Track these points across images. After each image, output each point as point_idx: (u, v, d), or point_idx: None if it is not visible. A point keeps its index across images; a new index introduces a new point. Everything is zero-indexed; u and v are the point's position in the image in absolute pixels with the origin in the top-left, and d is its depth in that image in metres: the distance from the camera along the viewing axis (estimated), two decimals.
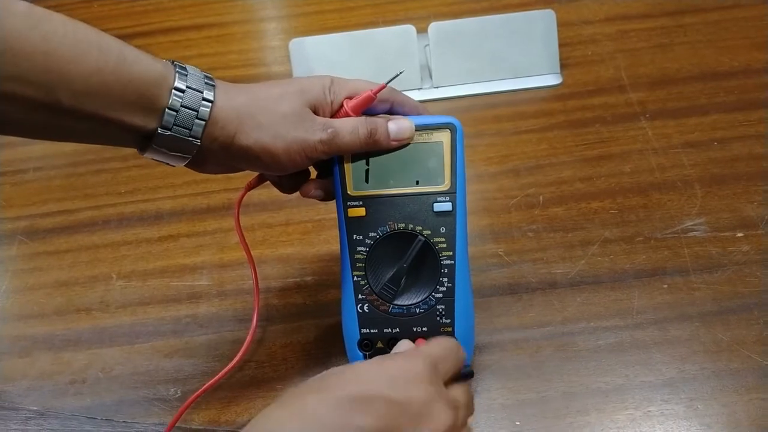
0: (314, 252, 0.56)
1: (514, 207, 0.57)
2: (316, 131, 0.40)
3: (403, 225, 0.43)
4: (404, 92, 0.67)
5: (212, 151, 0.39)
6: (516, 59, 0.67)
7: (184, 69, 0.38)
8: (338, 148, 0.41)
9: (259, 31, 0.82)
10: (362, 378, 0.34)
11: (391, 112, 0.44)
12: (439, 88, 0.68)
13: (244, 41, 0.80)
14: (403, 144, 0.43)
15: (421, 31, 0.67)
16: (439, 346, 0.38)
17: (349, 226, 0.43)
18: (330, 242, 0.56)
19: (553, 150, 0.61)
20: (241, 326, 0.52)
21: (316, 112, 0.41)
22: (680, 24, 0.71)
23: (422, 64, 0.68)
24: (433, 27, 0.66)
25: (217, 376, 0.47)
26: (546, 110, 0.65)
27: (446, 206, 0.42)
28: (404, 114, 0.44)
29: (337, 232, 0.56)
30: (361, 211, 0.43)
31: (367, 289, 0.43)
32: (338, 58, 0.67)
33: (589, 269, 0.52)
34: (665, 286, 0.50)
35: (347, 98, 0.43)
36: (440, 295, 0.43)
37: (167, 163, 0.40)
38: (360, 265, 0.43)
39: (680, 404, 0.44)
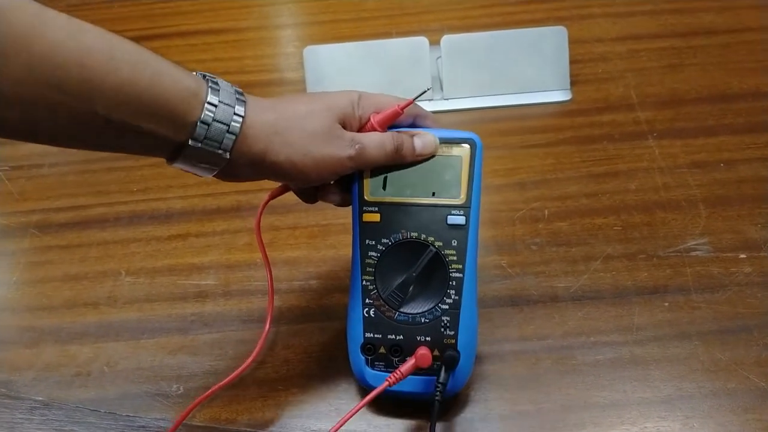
0: (320, 256, 0.57)
1: (518, 220, 0.58)
2: (345, 148, 0.41)
3: (416, 234, 0.43)
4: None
5: (240, 165, 0.40)
6: (526, 74, 0.68)
7: (217, 84, 0.39)
8: (365, 163, 0.43)
9: (274, 37, 0.84)
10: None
11: (413, 125, 0.45)
12: (450, 100, 0.69)
13: (259, 47, 0.81)
14: (427, 158, 0.44)
15: (434, 43, 0.68)
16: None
17: (363, 231, 0.44)
18: (336, 247, 0.57)
19: (560, 165, 0.62)
20: (244, 327, 0.52)
21: (344, 126, 0.42)
22: (691, 45, 0.72)
23: (434, 75, 0.69)
24: (446, 40, 0.67)
25: (229, 377, 0.47)
26: (554, 125, 0.66)
27: (460, 220, 0.43)
28: (424, 127, 0.45)
29: (343, 237, 0.57)
30: (375, 217, 0.44)
31: (374, 294, 0.44)
32: (351, 67, 0.68)
33: (591, 284, 0.53)
34: (666, 304, 0.51)
35: (374, 113, 0.44)
36: (446, 307, 0.43)
37: (195, 173, 0.41)
38: (370, 269, 0.44)
39: (676, 422, 0.44)
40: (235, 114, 0.38)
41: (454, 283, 0.43)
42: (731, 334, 0.49)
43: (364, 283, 0.44)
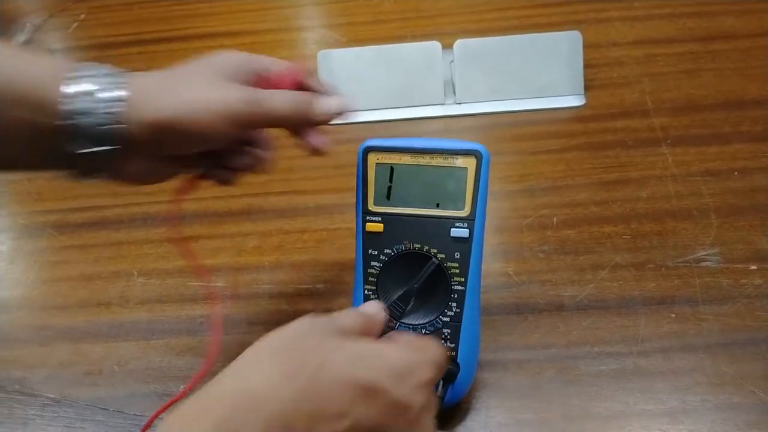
0: (327, 261, 0.57)
1: (526, 227, 0.58)
2: (237, 90, 0.40)
3: (419, 246, 0.44)
4: (425, 107, 0.69)
5: (137, 144, 0.38)
6: (540, 79, 0.68)
7: (89, 66, 0.38)
8: (265, 112, 0.41)
9: (291, 39, 0.84)
10: (369, 364, 0.33)
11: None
12: (462, 105, 0.69)
13: (276, 50, 0.82)
14: (329, 121, 0.43)
15: (447, 47, 0.68)
16: (441, 355, 0.38)
17: (366, 240, 0.44)
18: (343, 251, 0.57)
19: (571, 171, 0.62)
20: (251, 329, 0.53)
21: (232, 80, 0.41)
22: (709, 50, 0.71)
23: (446, 79, 0.69)
24: (459, 44, 0.67)
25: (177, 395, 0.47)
26: (567, 131, 0.66)
27: (463, 232, 0.43)
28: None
29: (351, 242, 0.57)
30: (379, 227, 0.44)
31: None
32: (364, 71, 0.69)
33: (597, 294, 0.52)
34: (673, 315, 0.50)
35: (263, 74, 0.42)
36: (447, 319, 0.44)
37: (100, 175, 0.40)
38: (372, 279, 0.44)
39: None
40: (117, 85, 0.37)
41: (455, 295, 0.43)
42: (738, 347, 0.48)
43: (365, 292, 0.45)
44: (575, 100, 0.68)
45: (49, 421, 0.49)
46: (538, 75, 0.68)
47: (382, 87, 0.69)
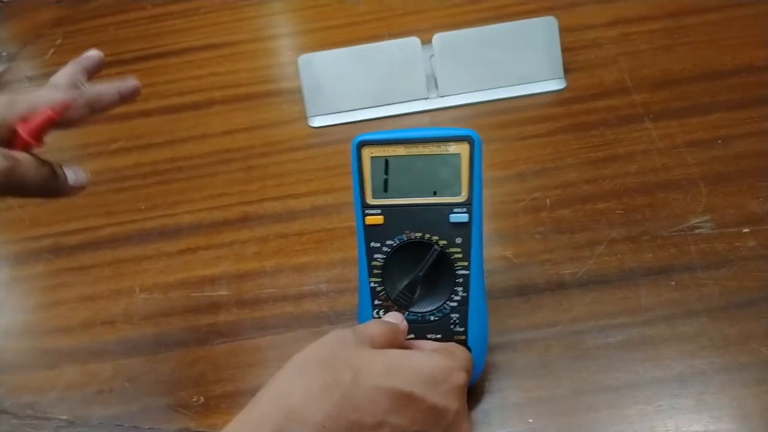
0: (329, 260, 0.57)
1: (521, 210, 0.58)
2: None
3: (420, 234, 0.44)
4: (410, 102, 0.70)
5: None
6: (520, 66, 0.69)
7: None
8: (19, 183, 0.37)
9: (269, 48, 0.85)
10: (402, 372, 0.34)
11: (96, 110, 0.43)
12: (445, 97, 0.70)
13: (254, 59, 0.82)
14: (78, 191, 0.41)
15: (426, 42, 0.69)
16: (468, 358, 0.39)
17: (367, 234, 0.45)
18: (343, 250, 0.58)
19: (559, 153, 0.63)
20: (259, 333, 0.53)
21: None
22: (682, 25, 0.73)
23: (428, 74, 0.70)
24: (437, 38, 0.68)
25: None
26: (550, 115, 0.67)
27: (462, 217, 0.44)
28: (105, 103, 0.43)
29: (350, 240, 0.58)
30: (379, 219, 0.45)
31: (383, 295, 0.45)
32: (346, 72, 0.69)
33: (596, 269, 0.53)
34: (672, 283, 0.51)
35: (21, 121, 0.38)
36: (455, 304, 0.44)
37: None
38: (377, 272, 0.45)
39: (690, 398, 0.45)
40: None
41: (460, 280, 0.44)
42: (739, 309, 0.49)
43: (372, 285, 0.45)
44: (556, 84, 0.69)
45: None
46: (517, 62, 0.69)
47: (366, 86, 0.70)
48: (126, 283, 0.59)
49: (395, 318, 0.42)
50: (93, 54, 0.45)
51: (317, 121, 0.70)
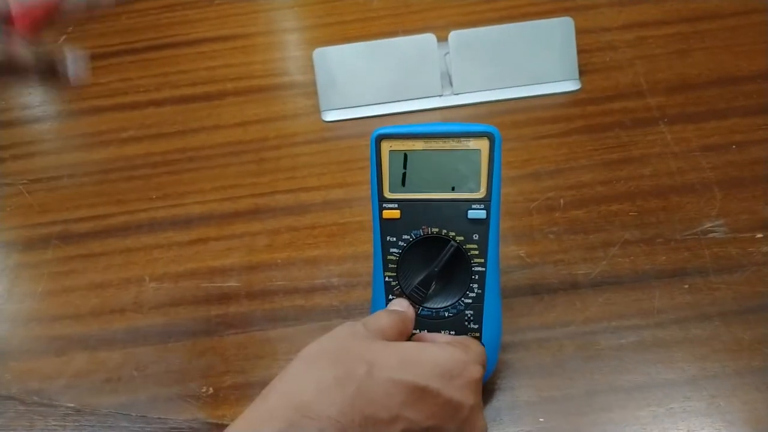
0: (340, 254, 0.57)
1: (535, 210, 0.58)
2: None
3: (437, 230, 0.44)
4: (424, 99, 0.70)
5: None
6: (535, 66, 0.69)
7: None
8: (14, 64, 0.37)
9: (282, 41, 0.84)
10: (418, 365, 0.33)
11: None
12: (460, 95, 0.70)
13: (268, 52, 0.82)
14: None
15: (441, 39, 0.69)
16: (483, 353, 0.38)
17: (384, 228, 0.45)
18: (355, 245, 0.58)
19: (573, 154, 0.62)
20: (269, 326, 0.53)
21: None
22: (697, 30, 0.72)
23: (443, 71, 0.70)
24: (453, 35, 0.68)
25: None
26: (565, 115, 0.67)
27: (480, 214, 0.43)
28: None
29: (361, 234, 0.58)
30: (396, 214, 0.44)
31: (397, 290, 0.45)
32: (361, 67, 0.69)
33: (610, 270, 0.53)
34: (686, 286, 0.51)
35: (17, 11, 0.37)
36: (470, 301, 0.44)
37: None
38: (392, 266, 0.45)
39: (702, 401, 0.45)
40: None
41: (476, 276, 0.44)
42: (752, 314, 0.49)
43: (386, 279, 0.45)
44: (571, 85, 0.69)
45: (72, 431, 0.49)
46: (532, 62, 0.69)
47: (380, 82, 0.69)
48: (136, 272, 0.59)
49: (401, 305, 0.42)
50: None
51: (330, 116, 0.70)
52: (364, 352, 0.33)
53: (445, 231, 0.44)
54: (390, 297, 0.45)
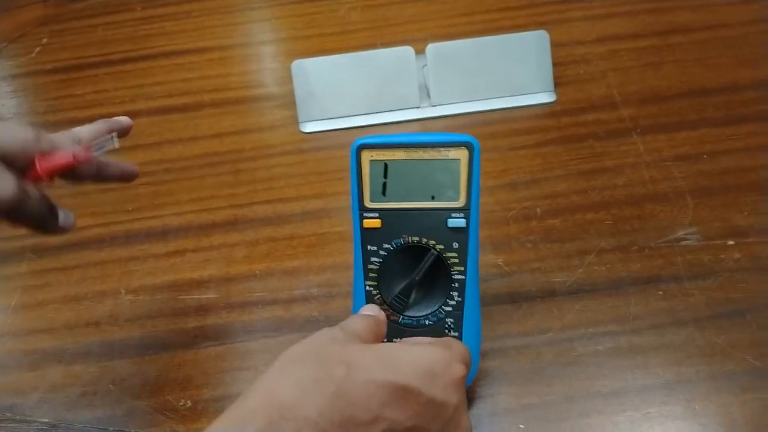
0: (319, 264, 0.57)
1: (512, 219, 0.59)
2: (5, 182, 0.38)
3: (417, 238, 0.44)
4: (402, 111, 0.70)
5: None
6: (511, 78, 0.70)
7: None
8: (21, 211, 0.40)
9: (260, 53, 0.85)
10: (398, 365, 0.32)
11: (97, 175, 0.45)
12: (437, 107, 0.70)
13: (245, 63, 0.82)
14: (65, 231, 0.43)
15: (419, 52, 0.70)
16: (466, 351, 0.39)
17: (364, 237, 0.45)
18: (334, 255, 0.58)
19: (548, 164, 0.63)
20: (248, 337, 0.53)
21: (10, 166, 0.39)
22: (669, 43, 0.74)
23: (420, 83, 0.71)
24: (431, 48, 0.69)
25: None
26: (541, 127, 0.68)
27: (460, 222, 0.44)
28: (111, 174, 0.46)
29: (341, 244, 0.58)
30: (376, 223, 0.45)
31: (378, 299, 0.45)
32: (339, 79, 0.69)
33: (586, 278, 0.54)
34: (660, 292, 0.52)
35: (41, 157, 0.40)
36: (450, 309, 0.44)
37: None
38: (373, 275, 0.45)
39: (678, 405, 0.45)
40: None
41: (456, 284, 0.44)
42: (725, 319, 0.50)
43: (367, 288, 0.45)
44: (546, 97, 0.70)
45: None
46: (509, 74, 0.70)
47: (358, 93, 0.70)
48: (111, 285, 0.58)
49: (372, 310, 0.41)
50: (123, 120, 0.47)
51: (309, 127, 0.70)
52: (343, 354, 0.33)
53: (425, 240, 0.44)
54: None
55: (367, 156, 0.45)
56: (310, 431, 0.29)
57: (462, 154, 0.44)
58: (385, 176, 0.44)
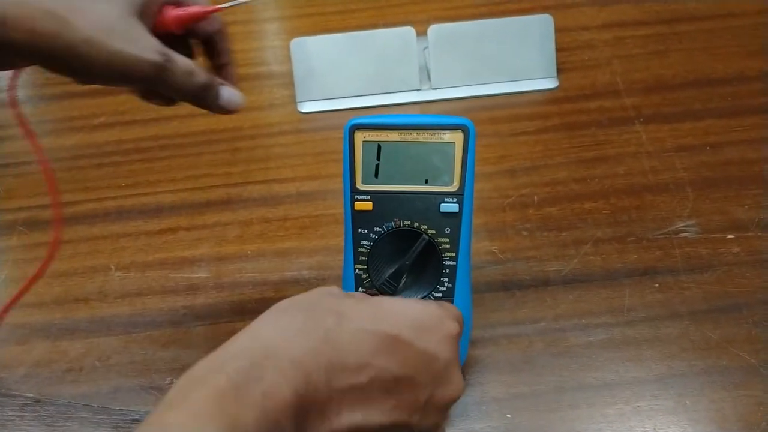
0: (312, 247, 0.57)
1: (509, 206, 0.58)
2: (149, 52, 0.35)
3: (409, 222, 0.43)
4: (402, 93, 0.69)
5: (7, 49, 0.33)
6: (513, 63, 0.68)
7: None
8: (164, 83, 0.36)
9: (261, 31, 0.83)
10: (390, 317, 0.32)
11: (209, 39, 0.42)
12: (438, 90, 0.69)
13: (246, 41, 0.81)
14: (227, 112, 0.41)
15: (421, 33, 0.68)
16: (459, 313, 0.38)
17: (355, 219, 0.44)
18: (327, 237, 0.57)
19: (549, 151, 0.62)
20: (237, 317, 0.52)
21: (143, 18, 0.36)
22: (675, 31, 0.73)
23: (421, 65, 0.70)
24: (433, 29, 0.68)
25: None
26: (542, 113, 0.66)
27: (453, 207, 0.43)
28: (219, 50, 0.43)
29: (334, 227, 0.57)
30: (368, 205, 0.44)
31: (368, 282, 0.44)
32: (338, 58, 0.68)
33: (581, 268, 0.53)
34: (656, 285, 0.51)
35: (169, 5, 0.38)
36: (440, 295, 0.43)
37: None
38: (363, 258, 0.44)
39: (669, 400, 0.45)
40: None
41: (447, 271, 0.43)
42: (721, 313, 0.49)
43: (357, 272, 0.44)
44: (549, 83, 0.69)
45: (30, 422, 0.48)
46: (511, 59, 0.68)
47: (357, 74, 0.69)
48: (102, 261, 0.57)
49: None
50: None
51: (307, 107, 0.69)
52: (336, 305, 0.33)
53: (417, 224, 0.43)
54: (360, 290, 0.44)
55: (360, 137, 0.44)
56: (293, 373, 0.28)
57: (457, 138, 0.43)
58: (378, 158, 0.43)
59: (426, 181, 0.43)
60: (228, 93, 0.41)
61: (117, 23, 0.34)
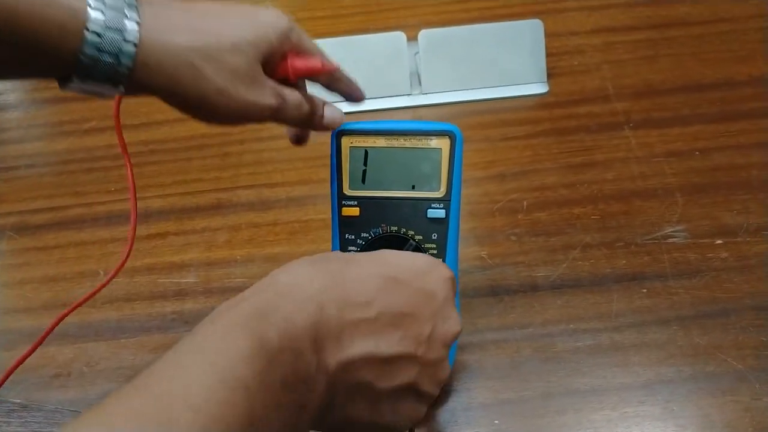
0: (301, 252, 0.57)
1: (498, 211, 0.58)
2: (268, 96, 0.38)
3: (396, 228, 0.43)
4: (392, 98, 0.69)
5: (143, 87, 0.36)
6: (504, 67, 0.69)
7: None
8: (277, 120, 0.40)
9: None
10: (390, 264, 0.35)
11: (327, 85, 0.44)
12: (428, 95, 0.69)
13: None
14: (330, 130, 0.43)
15: (411, 38, 0.68)
16: (452, 273, 0.39)
17: (342, 225, 0.44)
18: (317, 242, 0.57)
19: (538, 157, 0.62)
20: None
21: (265, 64, 0.38)
22: (665, 37, 0.73)
23: (412, 70, 0.70)
24: (423, 34, 0.68)
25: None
26: (532, 118, 0.67)
27: (440, 213, 0.43)
28: (339, 91, 0.45)
29: (324, 232, 0.57)
30: (355, 211, 0.44)
31: None
32: None
33: (570, 273, 0.53)
34: (644, 290, 0.51)
35: (293, 54, 0.40)
36: None
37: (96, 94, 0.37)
38: None
39: (656, 406, 0.45)
40: (126, 19, 0.33)
41: None
42: (709, 319, 0.49)
43: None
44: (539, 88, 0.69)
45: (17, 428, 0.48)
46: (502, 64, 0.68)
47: None
48: (90, 266, 0.57)
49: None
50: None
51: None
52: (343, 256, 0.36)
53: (404, 230, 0.43)
54: None
55: (347, 142, 0.44)
56: (309, 305, 0.31)
57: (444, 143, 0.43)
58: (365, 164, 0.43)
59: (413, 187, 0.43)
60: (329, 112, 0.43)
61: (245, 73, 0.37)
